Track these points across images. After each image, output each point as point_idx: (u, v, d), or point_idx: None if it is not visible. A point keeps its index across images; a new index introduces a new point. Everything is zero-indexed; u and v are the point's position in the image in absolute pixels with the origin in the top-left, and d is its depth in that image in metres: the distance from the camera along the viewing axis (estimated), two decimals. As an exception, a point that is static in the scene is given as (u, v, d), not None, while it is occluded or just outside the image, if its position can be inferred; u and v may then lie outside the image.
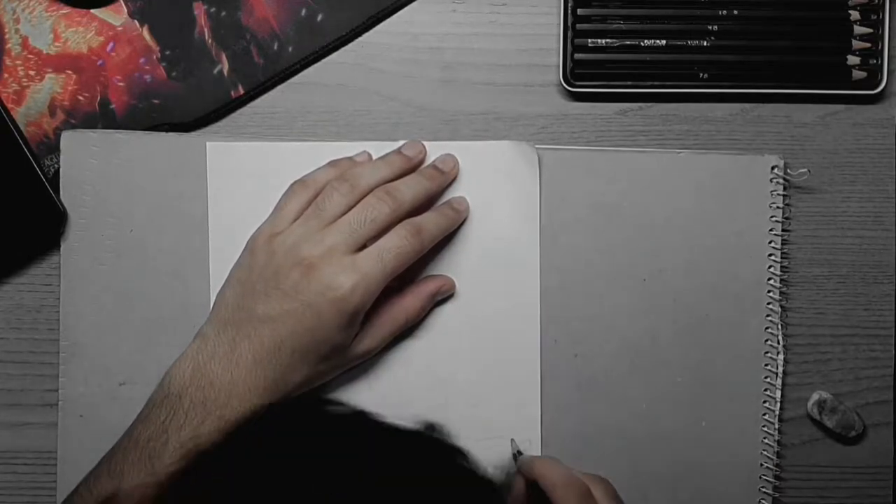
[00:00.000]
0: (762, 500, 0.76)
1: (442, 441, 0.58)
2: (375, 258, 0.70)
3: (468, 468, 0.56)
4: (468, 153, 0.76)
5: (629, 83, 0.77)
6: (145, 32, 0.77)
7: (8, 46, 0.77)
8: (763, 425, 0.76)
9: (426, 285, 0.75)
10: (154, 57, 0.77)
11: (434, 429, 0.58)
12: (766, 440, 0.76)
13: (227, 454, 0.60)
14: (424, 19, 0.78)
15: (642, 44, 0.77)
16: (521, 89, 0.78)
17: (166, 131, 0.77)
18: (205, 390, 0.68)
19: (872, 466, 0.78)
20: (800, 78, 0.77)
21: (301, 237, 0.70)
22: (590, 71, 0.78)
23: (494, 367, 0.76)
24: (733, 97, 0.78)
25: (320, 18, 0.78)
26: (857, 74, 0.77)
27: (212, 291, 0.75)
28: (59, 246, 0.76)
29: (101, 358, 0.76)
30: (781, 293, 0.77)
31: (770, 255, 0.77)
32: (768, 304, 0.76)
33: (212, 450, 0.67)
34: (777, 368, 0.77)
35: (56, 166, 0.76)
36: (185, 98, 0.77)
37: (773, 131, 0.78)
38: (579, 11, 0.77)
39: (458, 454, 0.56)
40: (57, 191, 0.76)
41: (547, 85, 0.78)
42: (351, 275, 0.69)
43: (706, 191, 0.77)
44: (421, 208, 0.73)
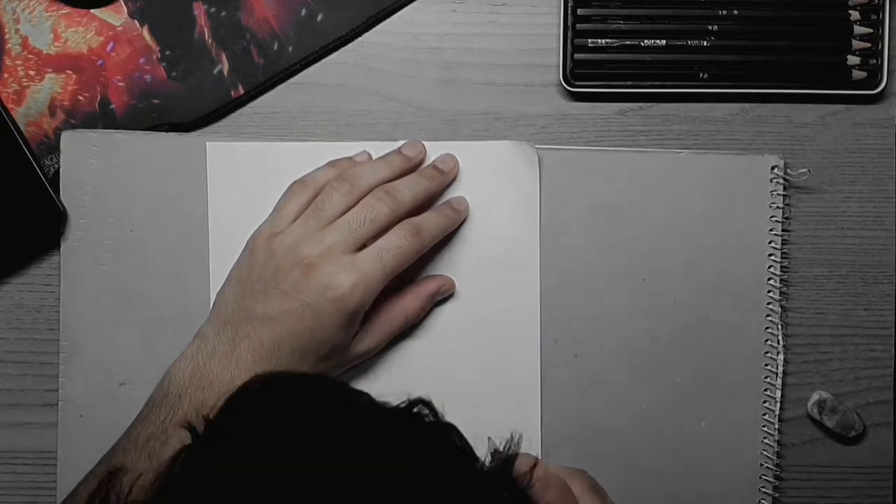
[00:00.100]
0: (762, 500, 0.76)
1: (431, 420, 0.56)
2: (375, 258, 0.70)
3: (459, 445, 0.55)
4: (468, 153, 0.76)
5: (629, 83, 0.77)
6: (145, 32, 0.77)
7: (8, 46, 0.77)
8: (763, 425, 0.76)
9: (426, 285, 0.75)
10: (154, 57, 0.77)
11: (422, 404, 0.56)
12: (766, 440, 0.76)
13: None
14: (424, 19, 0.78)
15: (642, 44, 0.77)
16: (521, 89, 0.78)
17: (166, 131, 0.77)
18: (204, 390, 0.68)
19: (872, 466, 0.78)
20: (800, 78, 0.77)
21: (301, 237, 0.70)
22: (590, 71, 0.78)
23: (494, 367, 0.76)
24: (733, 97, 0.78)
25: (320, 18, 0.78)
26: (857, 74, 0.77)
27: (212, 291, 0.75)
28: (59, 246, 0.76)
29: (101, 358, 0.76)
30: (781, 293, 0.77)
31: (770, 255, 0.77)
32: (768, 304, 0.76)
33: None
34: (777, 368, 0.77)
35: (56, 166, 0.76)
36: (185, 98, 0.77)
37: (773, 131, 0.78)
38: (579, 11, 0.77)
39: (450, 430, 0.55)
40: (57, 191, 0.76)
41: (547, 85, 0.78)
42: (350, 274, 0.69)
43: (706, 191, 0.77)
44: (421, 208, 0.73)
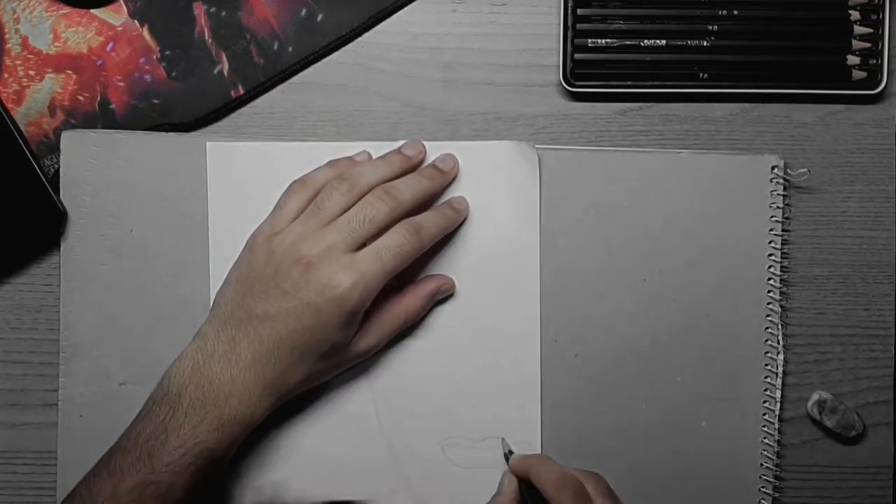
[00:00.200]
0: (762, 500, 0.76)
1: None
2: (374, 257, 0.70)
3: None
4: (468, 153, 0.76)
5: (629, 83, 0.77)
6: (145, 32, 0.77)
7: (8, 46, 0.77)
8: (763, 425, 0.76)
9: (426, 285, 0.75)
10: (154, 57, 0.77)
11: None
12: (766, 440, 0.76)
13: None
14: (424, 19, 0.78)
15: (642, 44, 0.77)
16: (521, 89, 0.78)
17: (166, 131, 0.77)
18: (204, 389, 0.68)
19: (872, 466, 0.78)
20: (800, 78, 0.77)
21: (300, 236, 0.70)
22: (590, 71, 0.78)
23: (494, 367, 0.76)
24: (733, 97, 0.78)
25: (320, 18, 0.78)
26: (857, 74, 0.77)
27: (212, 291, 0.75)
28: (59, 246, 0.76)
29: (101, 358, 0.76)
30: (781, 293, 0.77)
31: (770, 255, 0.77)
32: (768, 304, 0.76)
33: (211, 449, 0.67)
34: (777, 368, 0.77)
35: (56, 166, 0.76)
36: (185, 98, 0.77)
37: (773, 131, 0.78)
38: (579, 11, 0.77)
39: None
40: (57, 191, 0.76)
41: (547, 85, 0.78)
42: (350, 273, 0.69)
43: (706, 191, 0.77)
44: (421, 208, 0.73)
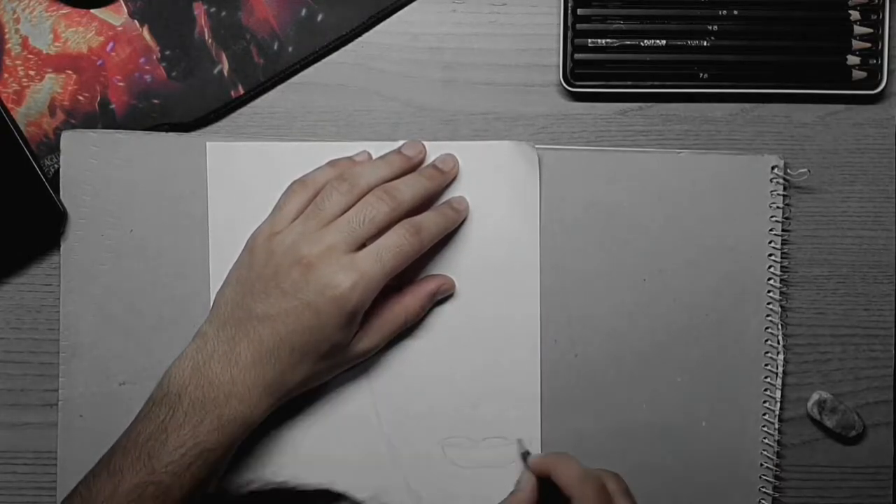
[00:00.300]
0: (762, 500, 0.76)
1: None
2: (374, 257, 0.69)
3: None
4: (468, 153, 0.76)
5: (629, 83, 0.77)
6: (145, 32, 0.77)
7: (8, 46, 0.77)
8: (763, 425, 0.76)
9: (426, 285, 0.75)
10: (154, 57, 0.77)
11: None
12: (766, 440, 0.76)
13: None
14: (424, 19, 0.78)
15: (642, 44, 0.77)
16: (521, 89, 0.78)
17: (166, 131, 0.77)
18: (204, 389, 0.68)
19: (872, 466, 0.78)
20: (800, 78, 0.77)
21: (300, 236, 0.70)
22: (590, 71, 0.78)
23: (494, 367, 0.76)
24: (733, 97, 0.78)
25: (320, 18, 0.78)
26: (857, 74, 0.77)
27: (212, 291, 0.75)
28: (59, 246, 0.76)
29: (101, 358, 0.76)
30: (781, 293, 0.77)
31: (770, 255, 0.77)
32: (768, 304, 0.76)
33: (211, 449, 0.67)
34: (777, 368, 0.77)
35: (56, 166, 0.76)
36: (185, 98, 0.77)
37: (773, 131, 0.78)
38: (579, 11, 0.77)
39: None
40: (57, 191, 0.76)
41: (547, 85, 0.78)
42: (350, 273, 0.69)
43: (706, 191, 0.77)
44: (421, 208, 0.73)
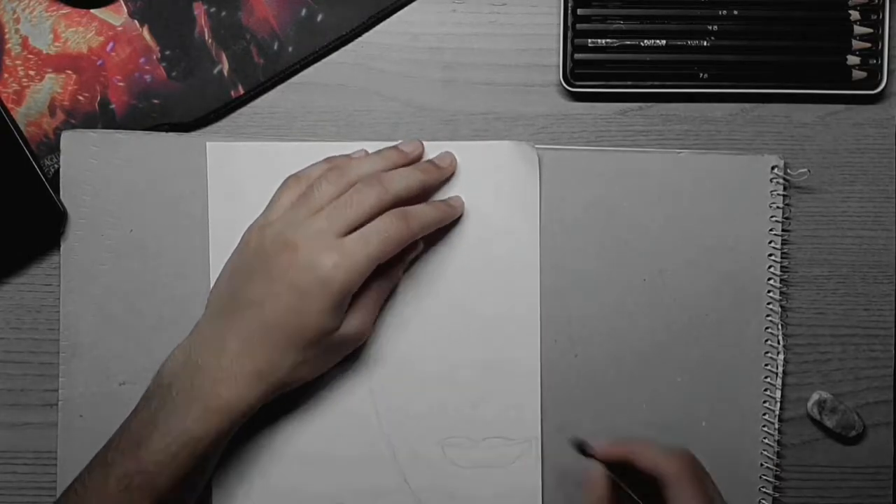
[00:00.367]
0: (762, 500, 0.76)
1: None
2: (360, 241, 0.69)
3: None
4: (468, 153, 0.76)
5: (629, 83, 0.77)
6: (145, 32, 0.77)
7: (8, 46, 0.77)
8: (763, 425, 0.76)
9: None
10: (154, 57, 0.77)
11: None
12: (766, 440, 0.76)
13: None
14: (424, 19, 0.78)
15: (642, 44, 0.77)
16: (521, 89, 0.78)
17: (166, 131, 0.77)
18: (192, 378, 0.68)
19: (872, 466, 0.78)
20: (800, 78, 0.77)
21: (289, 223, 0.70)
22: (590, 71, 0.78)
23: (494, 367, 0.76)
24: (733, 97, 0.78)
25: (320, 18, 0.78)
26: (857, 74, 0.77)
27: (212, 291, 0.75)
28: (59, 246, 0.76)
29: (101, 358, 0.76)
30: (781, 293, 0.77)
31: (770, 255, 0.77)
32: (768, 304, 0.76)
33: (198, 439, 0.67)
34: (777, 368, 0.77)
35: (56, 166, 0.76)
36: (185, 98, 0.77)
37: (773, 131, 0.78)
38: (579, 11, 0.77)
39: None
40: (57, 191, 0.76)
41: (547, 85, 0.78)
42: (333, 254, 0.68)
43: (706, 191, 0.77)
44: (415, 203, 0.73)
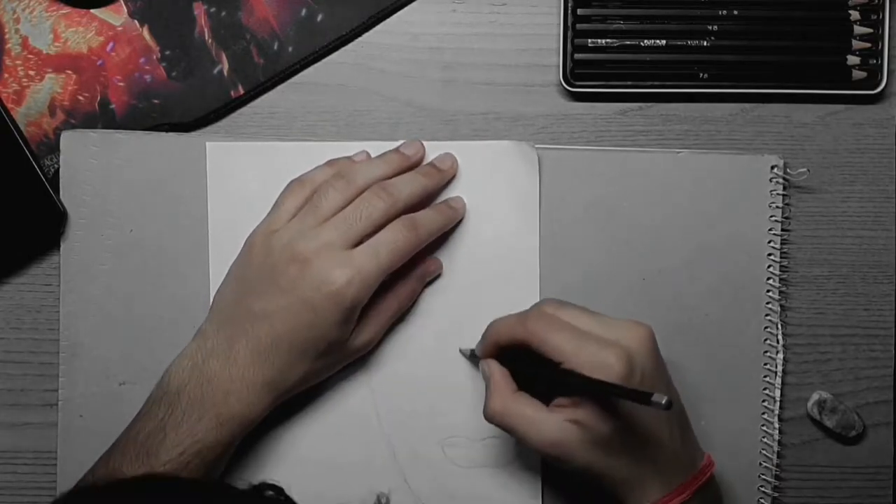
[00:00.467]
0: (762, 500, 0.76)
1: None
2: (370, 253, 0.69)
3: None
4: (468, 153, 0.76)
5: (629, 83, 0.77)
6: (145, 32, 0.77)
7: (8, 46, 0.77)
8: (763, 425, 0.76)
9: (414, 269, 0.74)
10: (154, 57, 0.77)
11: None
12: (766, 440, 0.76)
13: None
14: (424, 19, 0.78)
15: (642, 44, 0.77)
16: (521, 89, 0.78)
17: (166, 131, 0.77)
18: (202, 387, 0.68)
19: (872, 466, 0.78)
20: (800, 78, 0.77)
21: (297, 233, 0.70)
22: (590, 71, 0.78)
23: (494, 367, 0.76)
24: (733, 97, 0.78)
25: (320, 18, 0.78)
26: (857, 74, 0.77)
27: (212, 291, 0.75)
28: (59, 246, 0.76)
29: (101, 358, 0.76)
30: (781, 293, 0.77)
31: (770, 255, 0.77)
32: (768, 304, 0.76)
33: (210, 448, 0.67)
34: (777, 368, 0.77)
35: (56, 166, 0.76)
36: (185, 98, 0.77)
37: (773, 131, 0.78)
38: (579, 11, 0.77)
39: None
40: (57, 191, 0.76)
41: (547, 85, 0.78)
42: (346, 269, 0.68)
43: (706, 191, 0.77)
44: (418, 206, 0.73)
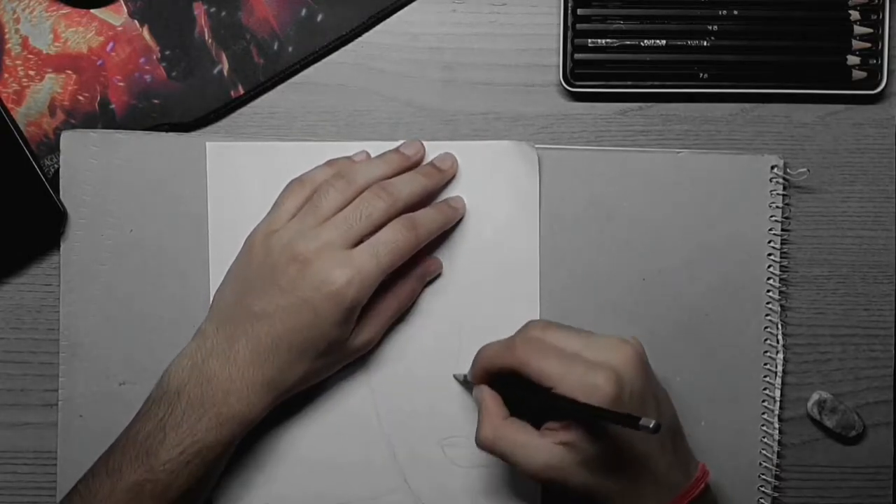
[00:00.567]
0: (762, 500, 0.76)
1: None
2: (370, 253, 0.69)
3: None
4: (468, 153, 0.76)
5: (629, 83, 0.77)
6: (145, 32, 0.77)
7: (8, 46, 0.77)
8: (763, 425, 0.76)
9: (414, 269, 0.74)
10: (154, 57, 0.77)
11: None
12: (766, 440, 0.76)
13: None
14: (424, 19, 0.78)
15: (642, 44, 0.77)
16: (521, 89, 0.78)
17: (166, 131, 0.77)
18: (202, 387, 0.68)
19: (872, 466, 0.78)
20: (800, 78, 0.77)
21: (297, 233, 0.70)
22: (590, 71, 0.78)
23: (494, 367, 0.76)
24: (733, 97, 0.78)
25: (320, 18, 0.78)
26: (857, 74, 0.77)
27: (212, 291, 0.75)
28: (59, 246, 0.76)
29: (101, 358, 0.76)
30: (781, 293, 0.77)
31: (770, 255, 0.77)
32: (768, 304, 0.76)
33: (209, 447, 0.67)
34: (777, 368, 0.77)
35: (56, 166, 0.76)
36: (185, 98, 0.77)
37: (773, 131, 0.78)
38: (579, 11, 0.77)
39: None
40: (57, 191, 0.76)
41: (547, 85, 0.78)
42: (346, 269, 0.68)
43: (706, 191, 0.77)
44: (418, 206, 0.73)
